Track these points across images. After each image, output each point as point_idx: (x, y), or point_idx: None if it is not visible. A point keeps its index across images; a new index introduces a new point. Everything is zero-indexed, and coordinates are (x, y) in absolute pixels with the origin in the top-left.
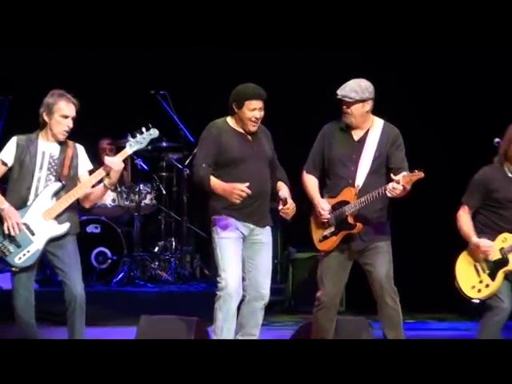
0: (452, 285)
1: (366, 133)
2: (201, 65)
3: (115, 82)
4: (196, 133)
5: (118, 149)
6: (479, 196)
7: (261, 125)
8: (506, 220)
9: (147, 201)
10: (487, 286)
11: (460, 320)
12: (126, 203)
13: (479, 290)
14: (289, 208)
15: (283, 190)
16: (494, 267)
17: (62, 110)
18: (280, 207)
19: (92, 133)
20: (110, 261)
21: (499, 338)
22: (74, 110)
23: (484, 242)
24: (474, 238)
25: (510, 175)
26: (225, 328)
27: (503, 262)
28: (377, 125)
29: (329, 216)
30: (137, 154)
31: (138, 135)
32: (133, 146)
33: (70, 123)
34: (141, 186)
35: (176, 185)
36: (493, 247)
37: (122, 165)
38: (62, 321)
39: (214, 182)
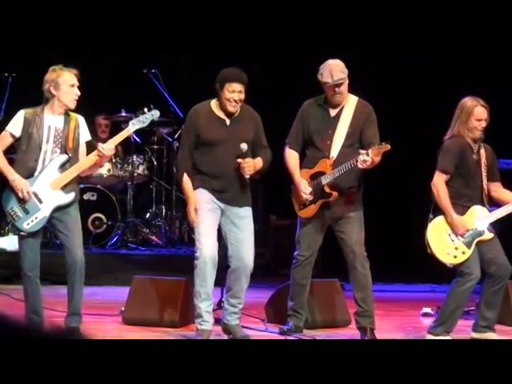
0: (416, 250)
1: (341, 109)
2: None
3: (111, 60)
4: (184, 108)
5: (113, 123)
6: (454, 164)
7: (249, 107)
8: (472, 188)
9: (140, 171)
10: (463, 252)
11: (424, 282)
12: (121, 173)
13: (455, 256)
14: (246, 163)
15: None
16: (470, 236)
17: (68, 80)
18: (239, 160)
19: (88, 108)
20: (105, 225)
21: (466, 303)
22: (77, 79)
23: (461, 222)
24: (454, 215)
25: (474, 148)
26: (202, 292)
27: (479, 232)
28: (351, 102)
29: (310, 197)
30: None
31: (140, 115)
32: (135, 124)
33: (77, 91)
34: (134, 157)
35: (166, 156)
36: (466, 223)
37: (113, 151)
38: (62, 281)
39: (186, 183)
